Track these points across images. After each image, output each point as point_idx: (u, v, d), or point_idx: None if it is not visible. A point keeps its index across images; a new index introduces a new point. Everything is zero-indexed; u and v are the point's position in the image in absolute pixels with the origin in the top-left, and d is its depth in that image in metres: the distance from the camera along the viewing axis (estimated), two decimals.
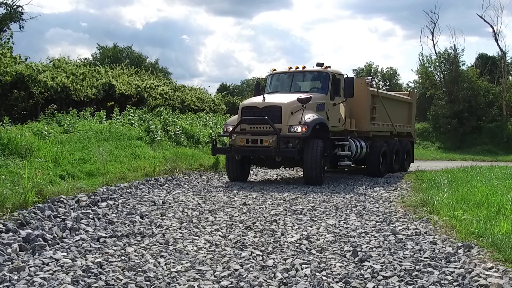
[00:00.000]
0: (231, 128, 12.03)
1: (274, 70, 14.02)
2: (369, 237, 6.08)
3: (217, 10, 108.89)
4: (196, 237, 5.86)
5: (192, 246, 5.44)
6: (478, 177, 11.17)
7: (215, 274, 4.47)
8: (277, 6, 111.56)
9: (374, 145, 14.67)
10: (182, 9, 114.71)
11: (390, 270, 4.64)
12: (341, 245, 5.63)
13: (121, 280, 4.22)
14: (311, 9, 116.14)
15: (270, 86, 13.72)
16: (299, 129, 11.22)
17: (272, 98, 12.05)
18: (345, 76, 13.07)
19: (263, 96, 11.96)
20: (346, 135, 13.35)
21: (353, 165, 14.25)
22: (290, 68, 13.54)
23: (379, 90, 15.77)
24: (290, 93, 12.62)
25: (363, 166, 15.56)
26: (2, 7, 32.41)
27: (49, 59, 22.20)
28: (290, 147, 11.41)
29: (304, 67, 13.28)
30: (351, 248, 5.40)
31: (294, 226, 6.61)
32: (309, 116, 11.41)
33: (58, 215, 6.39)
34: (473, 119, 35.57)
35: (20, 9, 33.59)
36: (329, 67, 13.13)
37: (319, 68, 13.13)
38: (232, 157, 12.17)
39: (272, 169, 15.62)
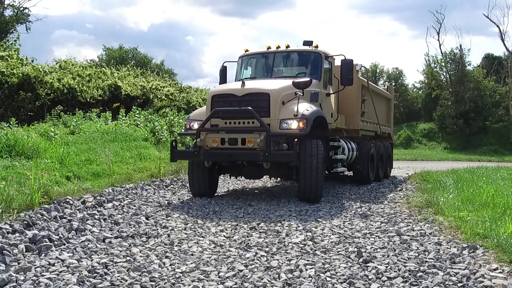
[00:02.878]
0: (197, 125, 8.90)
1: (247, 51, 10.83)
2: (374, 238, 6.08)
3: (222, 11, 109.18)
4: (201, 238, 5.88)
5: (197, 247, 5.46)
6: (484, 178, 11.12)
7: (219, 274, 4.49)
8: (282, 6, 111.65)
9: (364, 147, 12.18)
10: (186, 10, 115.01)
11: (395, 271, 4.63)
12: (345, 245, 5.63)
13: (126, 280, 4.25)
14: (315, 10, 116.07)
15: (242, 72, 10.67)
16: (294, 124, 8.28)
17: (256, 84, 9.10)
18: (343, 58, 9.91)
19: (242, 80, 8.84)
20: (335, 134, 10.70)
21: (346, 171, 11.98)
22: (269, 48, 10.48)
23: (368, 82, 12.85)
24: (273, 79, 9.69)
25: (347, 173, 13.32)
26: (9, 9, 32.64)
27: (56, 61, 22.33)
28: (284, 148, 8.32)
29: (287, 46, 10.31)
30: (356, 249, 5.41)
31: (298, 227, 6.62)
32: (306, 107, 8.57)
33: (64, 216, 6.43)
34: (479, 119, 35.44)
35: (26, 10, 33.81)
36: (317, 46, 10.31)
37: (307, 47, 10.23)
38: (198, 164, 9.11)
39: (251, 179, 11.76)
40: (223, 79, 11.21)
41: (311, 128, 8.48)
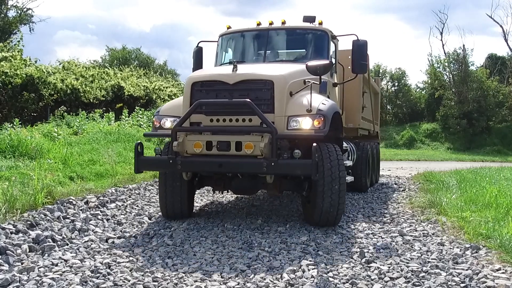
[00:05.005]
0: (169, 123, 6.59)
1: (229, 27, 8.43)
2: (376, 238, 6.07)
3: (224, 11, 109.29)
4: (203, 238, 5.89)
5: (199, 247, 5.47)
6: (487, 178, 11.10)
7: (222, 275, 4.49)
8: (283, 6, 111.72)
9: (362, 149, 10.65)
10: (189, 10, 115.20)
11: (397, 272, 4.63)
12: (348, 246, 5.63)
13: (129, 280, 4.26)
14: (316, 10, 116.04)
15: (224, 55, 8.31)
16: (307, 122, 6.03)
17: (253, 68, 6.87)
18: (355, 38, 7.62)
19: (234, 63, 6.39)
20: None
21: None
22: (259, 24, 8.13)
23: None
24: (272, 63, 7.55)
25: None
26: (12, 9, 32.76)
27: (59, 61, 22.45)
28: (297, 155, 6.02)
29: (284, 22, 7.99)
30: (358, 249, 5.41)
31: (301, 227, 6.62)
32: (321, 100, 6.36)
33: (67, 216, 6.45)
34: (482, 119, 35.36)
35: (30, 11, 33.94)
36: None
37: (308, 24, 7.98)
38: (173, 177, 6.76)
39: (241, 195, 9.13)
40: (197, 63, 8.67)
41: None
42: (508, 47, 39.90)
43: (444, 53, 39.99)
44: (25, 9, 33.61)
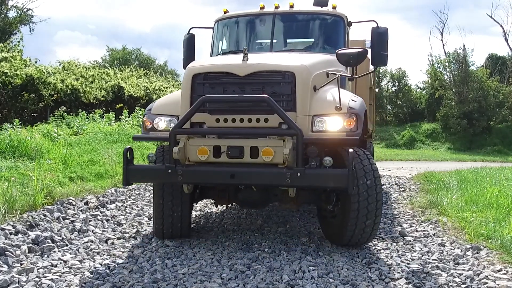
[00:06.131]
0: (164, 123, 5.50)
1: (227, 12, 7.43)
2: (377, 238, 6.06)
3: None
4: (203, 239, 5.87)
5: (199, 248, 5.45)
6: (487, 178, 11.08)
7: (222, 276, 4.48)
8: (284, 5, 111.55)
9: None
10: (189, 10, 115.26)
11: (398, 272, 4.62)
12: (348, 247, 5.61)
13: (128, 282, 4.25)
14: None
15: (222, 43, 7.29)
16: (337, 123, 5.01)
17: (268, 58, 5.74)
18: (375, 26, 6.40)
19: (244, 51, 5.23)
20: None
21: None
22: (263, 8, 7.09)
23: None
24: (287, 53, 6.49)
25: None
26: (12, 10, 32.80)
27: (59, 62, 22.46)
28: (328, 163, 4.85)
29: (292, 6, 6.98)
30: (359, 250, 5.39)
31: (301, 228, 6.60)
32: (351, 96, 5.34)
33: (67, 216, 6.44)
34: (483, 119, 35.32)
35: (30, 12, 33.98)
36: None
37: (321, 8, 7.06)
38: (174, 190, 5.60)
39: (250, 209, 7.75)
40: (189, 53, 7.58)
41: None
42: (508, 47, 39.89)
43: (445, 53, 39.97)
44: (25, 10, 33.65)
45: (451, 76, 38.91)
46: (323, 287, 4.20)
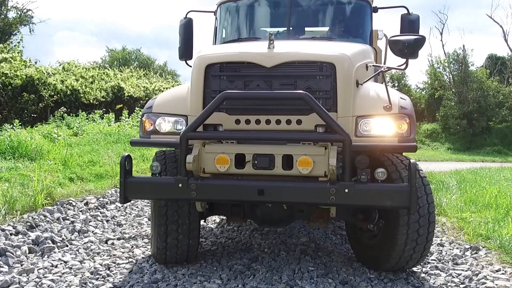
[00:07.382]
0: (169, 124, 4.47)
1: None
2: None
3: None
4: (203, 239, 5.89)
5: (199, 248, 5.46)
6: (487, 179, 11.10)
7: (221, 276, 4.49)
8: None
9: None
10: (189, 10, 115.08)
11: (397, 273, 4.63)
12: (348, 247, 5.62)
13: (128, 282, 4.27)
14: None
15: (224, 30, 6.13)
16: (388, 126, 4.12)
17: (298, 46, 4.81)
18: (405, 12, 5.76)
19: (271, 38, 4.16)
20: None
21: None
22: None
23: None
24: (316, 41, 5.38)
25: None
26: (12, 11, 32.82)
27: (59, 62, 22.47)
28: (381, 176, 3.88)
29: None
30: None
31: (301, 228, 6.62)
32: (399, 94, 4.42)
33: (67, 217, 6.45)
34: (482, 120, 35.34)
35: (30, 12, 34.01)
36: None
37: None
38: (181, 208, 4.51)
39: (270, 228, 6.38)
40: (186, 40, 6.15)
41: None
42: (508, 47, 39.91)
43: (444, 53, 39.98)
44: (25, 10, 33.68)
45: (451, 77, 38.92)
46: None
